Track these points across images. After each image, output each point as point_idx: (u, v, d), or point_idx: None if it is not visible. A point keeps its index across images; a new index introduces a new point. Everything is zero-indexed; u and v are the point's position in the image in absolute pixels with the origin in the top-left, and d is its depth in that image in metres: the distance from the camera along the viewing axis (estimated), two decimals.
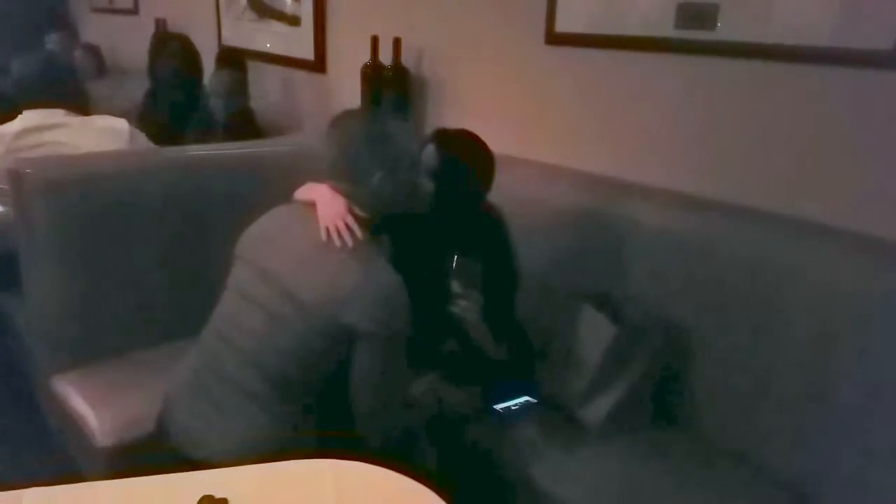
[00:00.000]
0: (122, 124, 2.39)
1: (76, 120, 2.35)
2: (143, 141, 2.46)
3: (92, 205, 1.96)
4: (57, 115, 2.33)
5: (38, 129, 2.29)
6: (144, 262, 2.05)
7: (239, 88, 3.10)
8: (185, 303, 2.00)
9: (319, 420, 1.48)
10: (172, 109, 3.09)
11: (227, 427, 1.42)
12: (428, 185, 1.66)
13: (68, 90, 2.42)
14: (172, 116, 3.06)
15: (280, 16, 3.35)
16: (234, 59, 3.22)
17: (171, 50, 3.17)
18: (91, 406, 1.83)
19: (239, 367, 1.44)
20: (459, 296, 1.63)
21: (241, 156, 2.34)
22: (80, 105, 2.44)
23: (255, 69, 3.30)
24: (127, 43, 4.64)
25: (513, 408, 1.81)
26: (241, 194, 2.03)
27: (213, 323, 1.53)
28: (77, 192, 1.94)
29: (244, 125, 3.02)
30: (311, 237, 1.44)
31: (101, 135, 2.33)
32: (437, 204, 1.67)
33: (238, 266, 1.55)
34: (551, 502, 1.55)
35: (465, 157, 1.72)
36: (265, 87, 3.41)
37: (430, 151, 1.68)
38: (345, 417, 1.47)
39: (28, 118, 2.31)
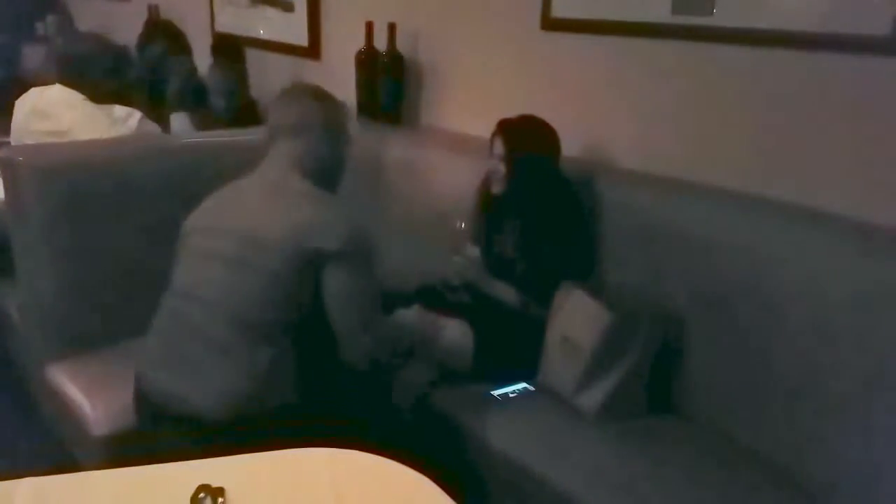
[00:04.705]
0: (133, 113, 2.39)
1: (90, 107, 2.34)
2: (151, 128, 2.46)
3: (85, 192, 1.95)
4: (75, 98, 2.32)
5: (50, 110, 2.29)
6: (138, 250, 2.04)
7: (239, 83, 3.02)
8: None
9: (296, 364, 1.52)
10: (163, 93, 3.05)
11: (206, 383, 1.46)
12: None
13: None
14: (160, 99, 3.03)
15: (274, 2, 3.32)
16: (231, 50, 3.16)
17: (156, 37, 3.14)
18: (86, 395, 1.83)
19: (207, 321, 1.49)
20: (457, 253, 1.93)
21: (236, 143, 2.33)
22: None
23: (248, 56, 3.27)
24: (120, 30, 4.59)
25: (510, 395, 1.82)
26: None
27: (173, 289, 1.58)
28: (70, 179, 1.93)
29: (248, 119, 2.96)
30: (260, 189, 1.57)
31: (113, 124, 2.32)
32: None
33: (192, 237, 1.60)
34: (548, 489, 1.56)
35: (530, 146, 1.91)
36: (259, 75, 3.38)
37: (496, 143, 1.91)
38: (323, 360, 1.55)
39: (61, 91, 2.32)
